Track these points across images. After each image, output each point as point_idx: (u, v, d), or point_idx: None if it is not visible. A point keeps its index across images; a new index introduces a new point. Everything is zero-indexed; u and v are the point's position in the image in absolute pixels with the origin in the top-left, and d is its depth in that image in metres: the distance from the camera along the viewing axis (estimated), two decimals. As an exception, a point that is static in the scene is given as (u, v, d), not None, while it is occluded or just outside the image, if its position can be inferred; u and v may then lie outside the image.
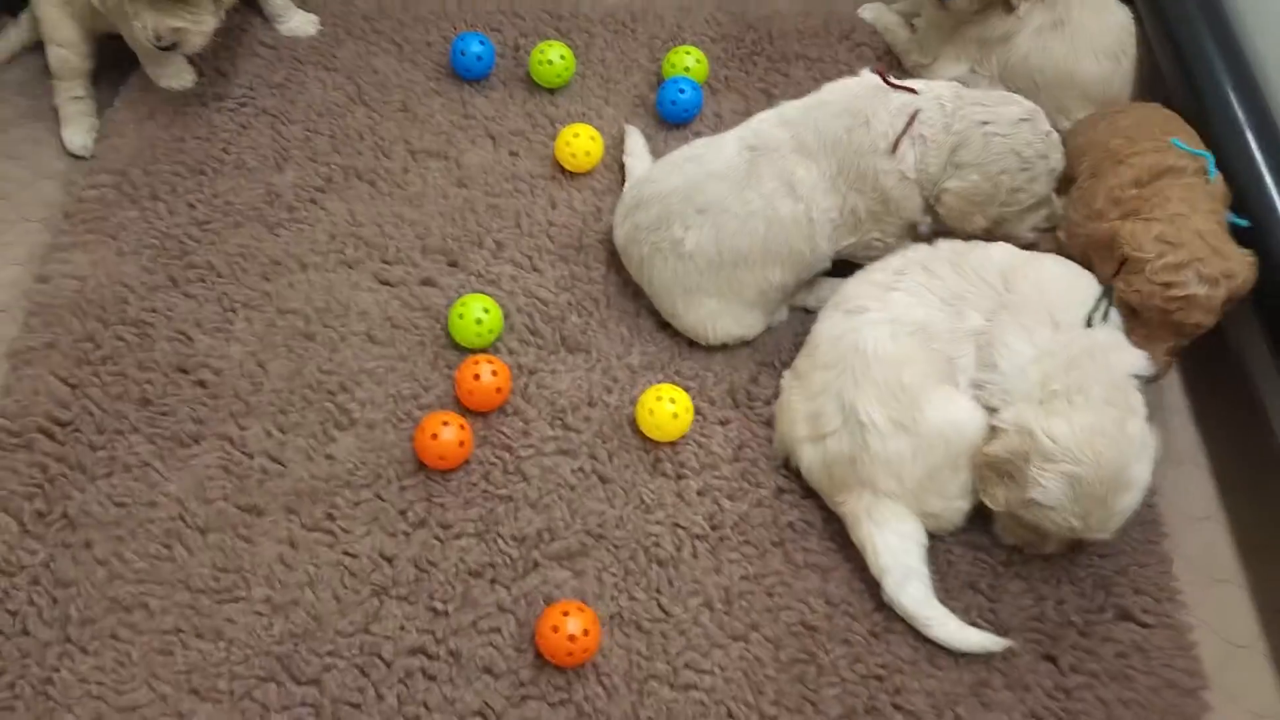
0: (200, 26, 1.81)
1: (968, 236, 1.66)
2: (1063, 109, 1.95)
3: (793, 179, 1.65)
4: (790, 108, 1.72)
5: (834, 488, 1.54)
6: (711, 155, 1.71)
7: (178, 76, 1.98)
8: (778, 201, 1.66)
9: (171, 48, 1.81)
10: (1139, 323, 1.54)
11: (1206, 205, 1.56)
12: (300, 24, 2.17)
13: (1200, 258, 1.49)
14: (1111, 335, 1.50)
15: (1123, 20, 2.00)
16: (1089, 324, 1.50)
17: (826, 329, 1.60)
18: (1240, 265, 1.52)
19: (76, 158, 1.99)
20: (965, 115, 1.63)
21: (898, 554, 1.47)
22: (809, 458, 1.56)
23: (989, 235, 1.67)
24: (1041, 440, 1.39)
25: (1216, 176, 1.62)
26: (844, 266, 1.73)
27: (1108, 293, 1.53)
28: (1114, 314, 1.54)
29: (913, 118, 1.63)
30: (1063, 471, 1.38)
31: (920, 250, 1.63)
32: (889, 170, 1.63)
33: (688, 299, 1.71)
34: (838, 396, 1.52)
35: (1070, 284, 1.56)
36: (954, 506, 1.51)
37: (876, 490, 1.49)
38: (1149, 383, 1.52)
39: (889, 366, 1.50)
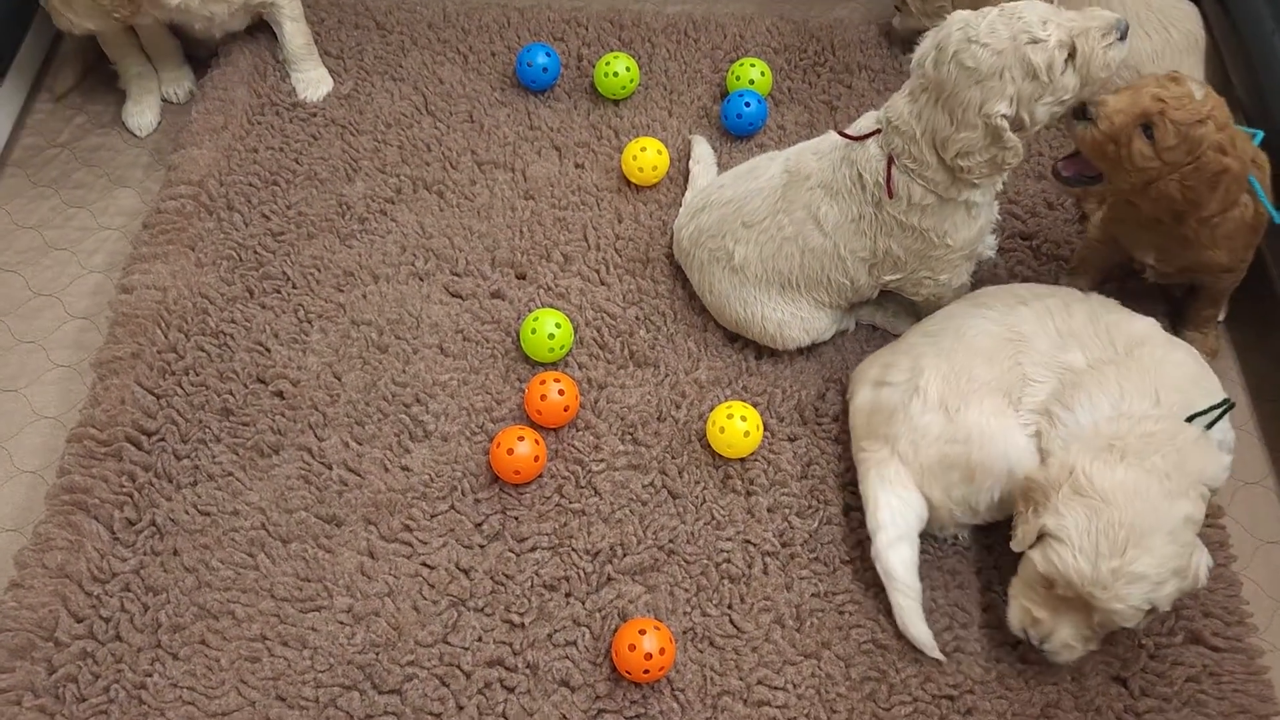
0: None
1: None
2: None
3: (818, 213, 1.62)
4: (826, 140, 1.65)
5: (865, 432, 1.59)
6: (761, 170, 1.71)
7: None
8: (807, 231, 1.64)
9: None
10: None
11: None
12: (313, 79, 2.08)
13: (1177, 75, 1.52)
14: (1205, 440, 1.43)
15: None
16: (1188, 420, 1.44)
17: (950, 309, 1.64)
18: (1207, 95, 1.50)
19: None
20: (923, 109, 1.49)
21: (896, 515, 1.51)
22: (862, 397, 1.61)
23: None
24: (1078, 477, 1.37)
25: (1259, 142, 1.61)
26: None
27: (1226, 407, 1.46)
28: (1222, 432, 1.48)
29: (890, 158, 1.54)
30: (1086, 504, 1.35)
31: (1073, 292, 1.60)
32: (907, 210, 1.56)
33: (747, 309, 1.72)
34: (916, 358, 1.56)
35: (1192, 377, 1.49)
36: (948, 508, 1.52)
37: (895, 449, 1.53)
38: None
39: (971, 356, 1.53)
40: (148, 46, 2.09)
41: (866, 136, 1.58)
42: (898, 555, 1.50)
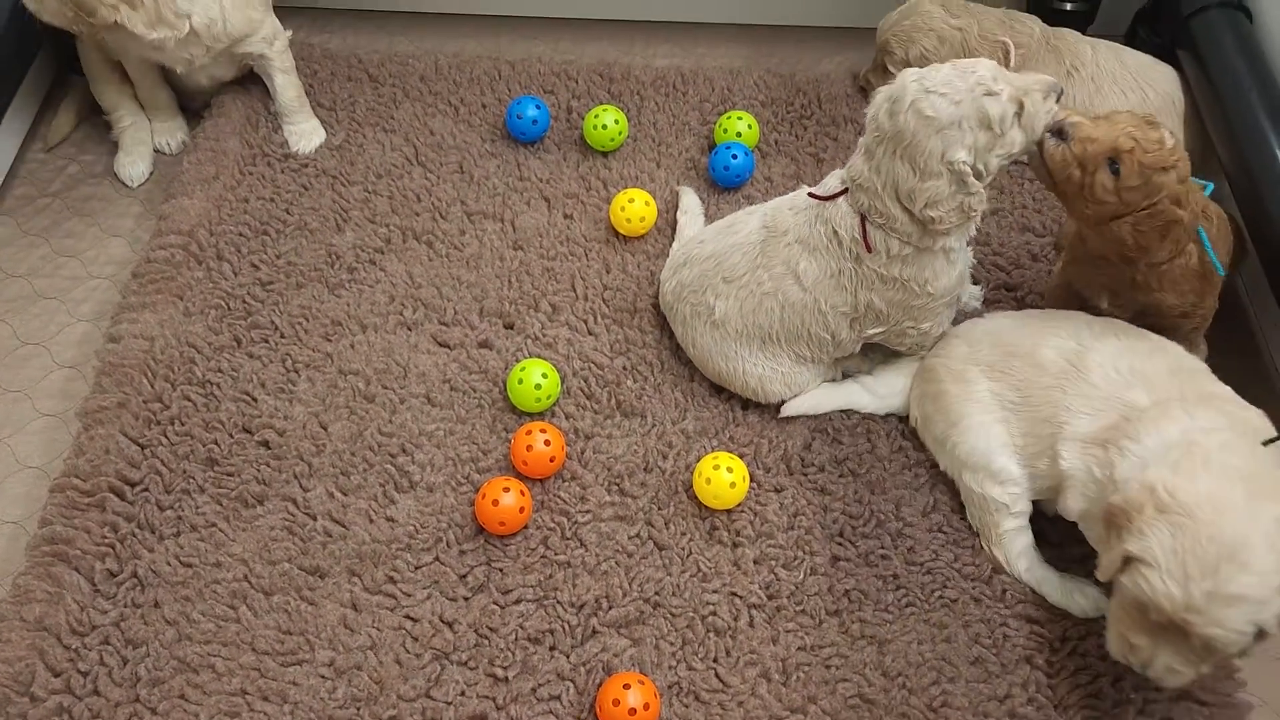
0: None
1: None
2: None
3: (797, 269, 1.63)
4: (801, 195, 1.67)
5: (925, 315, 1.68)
6: (740, 225, 1.72)
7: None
8: (786, 286, 1.64)
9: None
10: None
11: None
12: (305, 131, 2.10)
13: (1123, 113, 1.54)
14: None
15: (1143, 60, 2.06)
16: (1264, 445, 1.39)
17: (1073, 314, 1.65)
18: (1176, 145, 1.50)
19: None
20: (881, 163, 1.51)
21: (875, 388, 1.75)
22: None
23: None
24: (1160, 493, 1.29)
25: (1209, 191, 1.62)
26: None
27: None
28: None
29: (863, 215, 1.56)
30: (1170, 520, 1.27)
31: (1169, 344, 1.57)
32: (887, 263, 1.57)
33: (729, 364, 1.73)
34: (1021, 320, 1.66)
35: (1266, 433, 1.43)
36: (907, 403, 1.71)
37: (915, 333, 1.67)
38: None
39: (1030, 351, 1.57)
40: (141, 97, 2.12)
41: (834, 196, 1.60)
42: (849, 389, 1.77)
